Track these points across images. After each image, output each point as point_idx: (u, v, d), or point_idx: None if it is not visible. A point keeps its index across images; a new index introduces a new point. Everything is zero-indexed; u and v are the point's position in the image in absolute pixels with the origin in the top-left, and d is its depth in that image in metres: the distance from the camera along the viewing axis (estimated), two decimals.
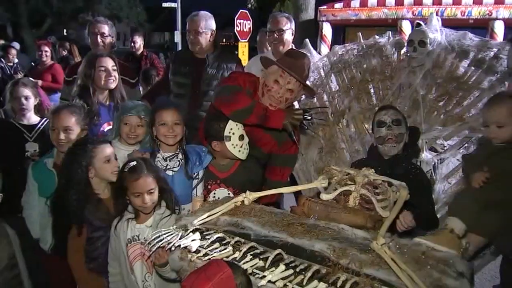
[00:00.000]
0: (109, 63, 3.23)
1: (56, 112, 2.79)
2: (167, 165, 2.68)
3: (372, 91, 3.11)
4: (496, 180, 2.05)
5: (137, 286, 2.34)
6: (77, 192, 2.44)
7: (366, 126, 3.05)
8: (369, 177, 2.03)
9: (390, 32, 3.23)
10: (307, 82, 2.88)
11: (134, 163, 2.37)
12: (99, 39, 3.82)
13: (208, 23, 3.72)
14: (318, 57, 3.50)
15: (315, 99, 3.25)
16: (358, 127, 3.09)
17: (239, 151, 2.69)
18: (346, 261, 1.57)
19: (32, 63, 7.74)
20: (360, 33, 3.27)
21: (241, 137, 2.68)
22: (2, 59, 7.72)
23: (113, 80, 3.23)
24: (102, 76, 3.21)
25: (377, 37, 3.21)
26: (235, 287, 1.54)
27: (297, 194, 2.45)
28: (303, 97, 3.19)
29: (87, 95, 3.20)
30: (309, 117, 2.73)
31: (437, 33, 2.91)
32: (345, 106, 3.16)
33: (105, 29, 3.87)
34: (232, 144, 2.68)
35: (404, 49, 3.00)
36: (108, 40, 3.89)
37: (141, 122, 2.83)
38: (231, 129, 2.67)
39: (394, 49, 3.11)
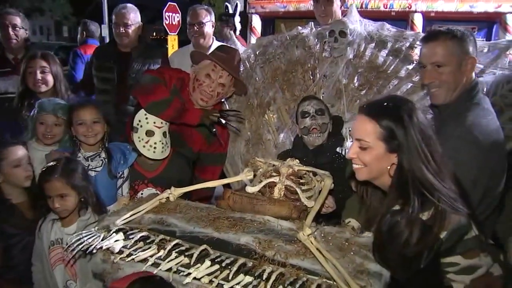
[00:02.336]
0: (38, 64, 3.05)
1: None
2: (89, 165, 2.57)
3: (296, 82, 3.14)
4: None
5: None
6: None
7: (291, 117, 3.09)
8: (293, 168, 2.04)
9: (312, 22, 3.27)
10: None
11: (53, 163, 2.26)
12: (10, 32, 3.58)
13: (135, 15, 3.71)
14: (243, 49, 3.49)
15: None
16: (283, 118, 3.12)
17: (144, 146, 2.61)
18: (271, 253, 1.57)
19: None
20: (283, 25, 3.29)
21: (149, 133, 2.60)
22: None
23: (41, 83, 3.05)
24: (31, 78, 3.04)
25: (299, 28, 3.24)
26: None
27: (224, 187, 2.43)
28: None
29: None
30: (226, 115, 2.72)
31: (356, 24, 2.99)
32: (270, 98, 3.18)
33: (17, 20, 3.63)
34: (138, 137, 2.61)
35: (326, 40, 3.05)
36: (21, 33, 3.65)
37: (58, 121, 2.70)
38: (139, 120, 2.61)
39: (316, 39, 3.16)
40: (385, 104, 1.68)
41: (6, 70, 3.55)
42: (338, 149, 2.69)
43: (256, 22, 9.99)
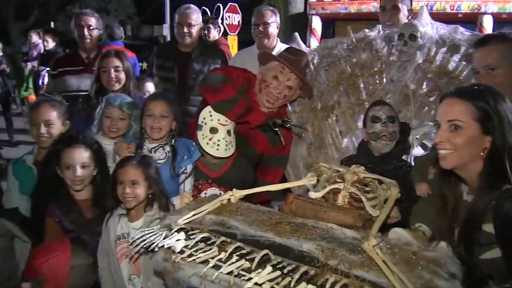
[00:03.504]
0: (112, 63, 3.14)
1: (35, 106, 2.71)
2: (151, 157, 2.61)
3: (361, 86, 3.05)
4: None
5: (123, 283, 2.30)
6: (50, 190, 2.41)
7: (355, 121, 3.01)
8: (358, 175, 1.97)
9: (380, 25, 3.17)
10: None
11: (132, 154, 2.38)
12: (86, 32, 3.74)
13: (198, 16, 3.79)
14: (307, 51, 3.44)
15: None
16: (347, 123, 3.04)
17: (207, 143, 2.60)
18: (335, 262, 1.51)
19: None
20: (349, 27, 3.21)
21: (213, 130, 2.60)
22: None
23: (114, 82, 3.15)
24: (105, 77, 3.14)
25: (367, 30, 3.15)
26: (69, 267, 1.90)
27: (285, 191, 2.40)
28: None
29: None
30: (289, 123, 2.67)
31: (428, 27, 2.85)
32: (334, 101, 3.10)
33: (92, 21, 3.80)
34: (202, 135, 2.62)
35: (395, 43, 2.94)
36: (95, 32, 3.81)
37: (123, 115, 2.78)
38: (204, 118, 2.63)
39: (384, 43, 3.05)
40: (477, 87, 1.67)
41: (79, 68, 3.71)
42: (403, 157, 2.60)
43: (316, 24, 9.91)
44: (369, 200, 1.89)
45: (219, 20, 5.54)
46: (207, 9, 6.05)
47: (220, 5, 5.88)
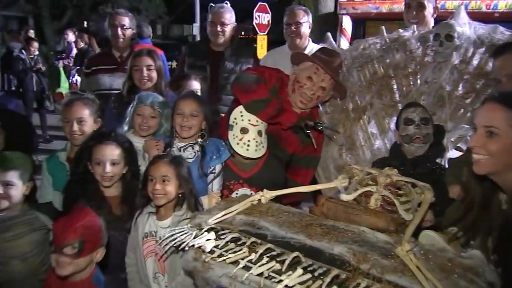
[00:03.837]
0: (144, 62, 3.18)
1: (68, 103, 2.76)
2: (180, 156, 2.62)
3: (395, 87, 2.99)
4: None
5: (148, 281, 2.33)
6: (81, 186, 2.45)
7: (388, 123, 2.95)
8: (392, 178, 1.93)
9: (415, 25, 3.10)
10: None
11: (163, 153, 2.43)
12: (119, 31, 3.80)
13: (232, 16, 3.79)
14: (339, 51, 3.39)
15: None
16: (380, 124, 2.98)
17: (237, 143, 2.59)
18: (367, 266, 1.47)
19: None
20: (383, 27, 3.15)
21: (243, 130, 2.59)
22: (24, 51, 7.97)
23: (146, 81, 3.18)
24: (137, 75, 3.18)
25: (401, 30, 3.08)
26: (100, 225, 2.04)
27: (316, 193, 2.37)
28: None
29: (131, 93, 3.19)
30: (320, 126, 2.64)
31: (465, 27, 2.77)
32: (366, 102, 3.04)
33: (126, 21, 3.85)
34: (233, 135, 2.61)
35: (430, 44, 2.87)
36: (129, 32, 3.87)
37: (154, 113, 2.81)
38: (235, 118, 2.61)
39: (419, 43, 2.98)
40: None
41: (112, 67, 3.77)
42: (438, 160, 2.54)
43: (347, 23, 9.82)
44: (402, 204, 1.84)
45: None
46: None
47: (228, 3, 5.86)
